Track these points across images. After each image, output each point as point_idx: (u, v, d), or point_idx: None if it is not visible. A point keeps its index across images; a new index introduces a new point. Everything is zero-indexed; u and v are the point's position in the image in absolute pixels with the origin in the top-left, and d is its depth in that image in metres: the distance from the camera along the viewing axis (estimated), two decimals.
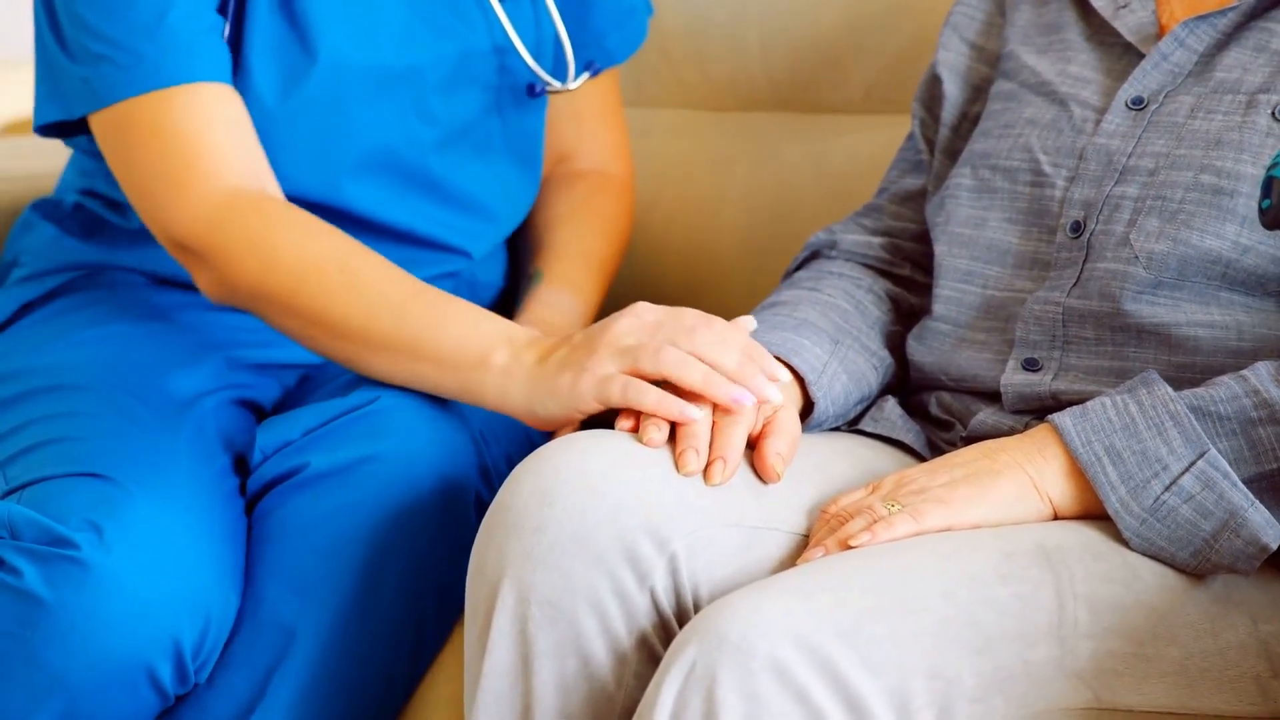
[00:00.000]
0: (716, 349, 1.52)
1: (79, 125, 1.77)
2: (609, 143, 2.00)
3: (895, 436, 1.63)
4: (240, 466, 1.72)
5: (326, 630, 1.63)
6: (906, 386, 1.70)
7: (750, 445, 1.52)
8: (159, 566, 1.58)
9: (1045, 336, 1.58)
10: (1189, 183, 1.53)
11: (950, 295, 1.64)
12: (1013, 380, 1.58)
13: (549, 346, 1.57)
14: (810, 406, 1.60)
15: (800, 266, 1.78)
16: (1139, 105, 1.59)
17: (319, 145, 1.78)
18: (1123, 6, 1.65)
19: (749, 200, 2.11)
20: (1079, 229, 1.58)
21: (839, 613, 1.33)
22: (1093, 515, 1.46)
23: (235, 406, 1.79)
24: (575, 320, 1.86)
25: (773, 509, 1.49)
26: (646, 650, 1.43)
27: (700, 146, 2.16)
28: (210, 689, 1.64)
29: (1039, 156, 1.62)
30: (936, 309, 1.65)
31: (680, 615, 1.44)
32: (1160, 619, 1.40)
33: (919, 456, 1.63)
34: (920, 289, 1.75)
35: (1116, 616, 1.39)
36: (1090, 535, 1.44)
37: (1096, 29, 1.67)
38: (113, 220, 1.86)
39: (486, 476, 1.67)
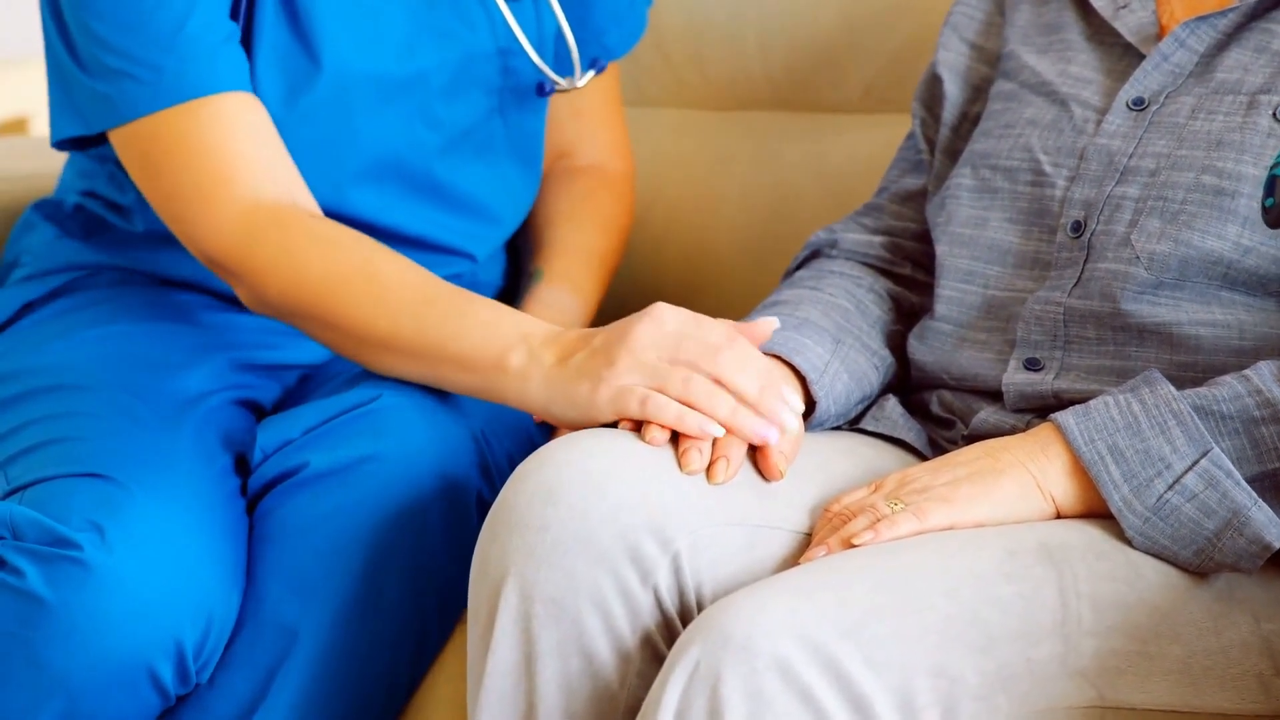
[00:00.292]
0: (740, 375, 1.50)
1: (98, 136, 1.76)
2: (609, 139, 2.00)
3: (897, 435, 1.63)
4: (241, 466, 1.72)
5: (328, 630, 1.62)
6: (907, 385, 1.70)
7: (752, 445, 1.52)
8: (161, 567, 1.58)
9: (1046, 336, 1.58)
10: (1190, 183, 1.53)
11: (951, 295, 1.65)
12: (1014, 380, 1.58)
13: (569, 345, 1.56)
14: (812, 406, 1.60)
15: (801, 265, 1.78)
16: (1140, 106, 1.59)
17: (324, 153, 1.77)
18: (1123, 7, 1.65)
19: (748, 200, 2.11)
20: (1079, 229, 1.58)
21: (843, 611, 1.34)
22: (1095, 514, 1.46)
23: (236, 407, 1.78)
24: (576, 319, 1.86)
25: (775, 508, 1.50)
26: (650, 649, 1.43)
27: (699, 146, 2.16)
28: (212, 689, 1.64)
29: (1039, 156, 1.63)
30: (938, 309, 1.65)
31: (683, 614, 1.44)
32: (1163, 617, 1.40)
33: (920, 455, 1.63)
34: (921, 288, 1.75)
35: (1120, 615, 1.39)
36: (1093, 534, 1.44)
37: (1097, 29, 1.67)
38: (115, 222, 1.86)
39: (488, 475, 1.67)
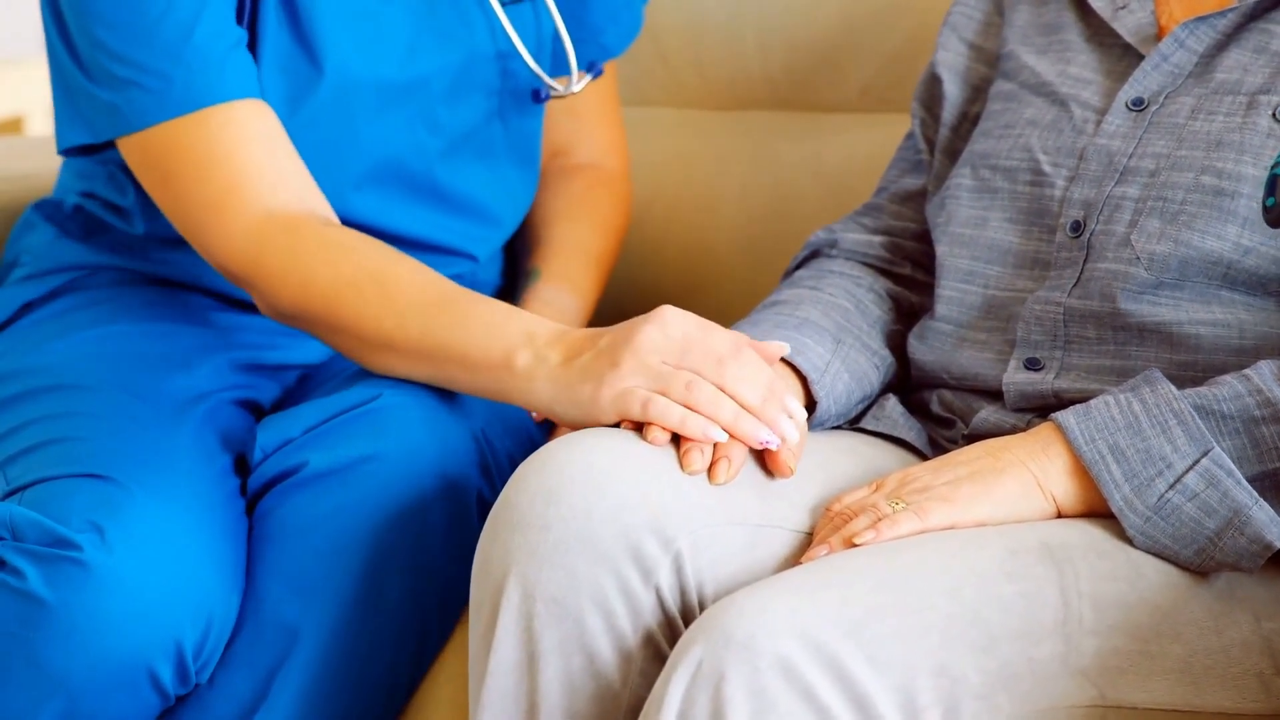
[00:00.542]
0: (743, 385, 1.50)
1: (104, 144, 1.76)
2: (606, 137, 2.00)
3: (897, 434, 1.63)
4: (241, 466, 1.72)
5: (329, 630, 1.62)
6: (907, 385, 1.71)
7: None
8: (161, 567, 1.58)
9: (1046, 336, 1.58)
10: (1190, 184, 1.54)
11: (952, 295, 1.65)
12: (1015, 379, 1.59)
13: (575, 345, 1.55)
14: (813, 405, 1.60)
15: (800, 265, 1.78)
16: (1139, 106, 1.59)
17: (326, 158, 1.77)
18: (1122, 7, 1.66)
19: (746, 199, 2.12)
20: (1079, 229, 1.58)
21: (845, 611, 1.34)
22: (1096, 513, 1.47)
23: (235, 407, 1.78)
24: (574, 317, 1.86)
25: (776, 507, 1.50)
26: (652, 648, 1.44)
27: (697, 146, 2.16)
28: (212, 689, 1.64)
29: (1039, 156, 1.63)
30: (938, 309, 1.65)
31: (685, 613, 1.44)
32: (1164, 616, 1.41)
33: (921, 454, 1.63)
34: (921, 288, 1.75)
35: (1121, 614, 1.39)
36: (1094, 533, 1.44)
37: (1096, 30, 1.68)
38: (115, 224, 1.86)
39: (488, 475, 1.67)
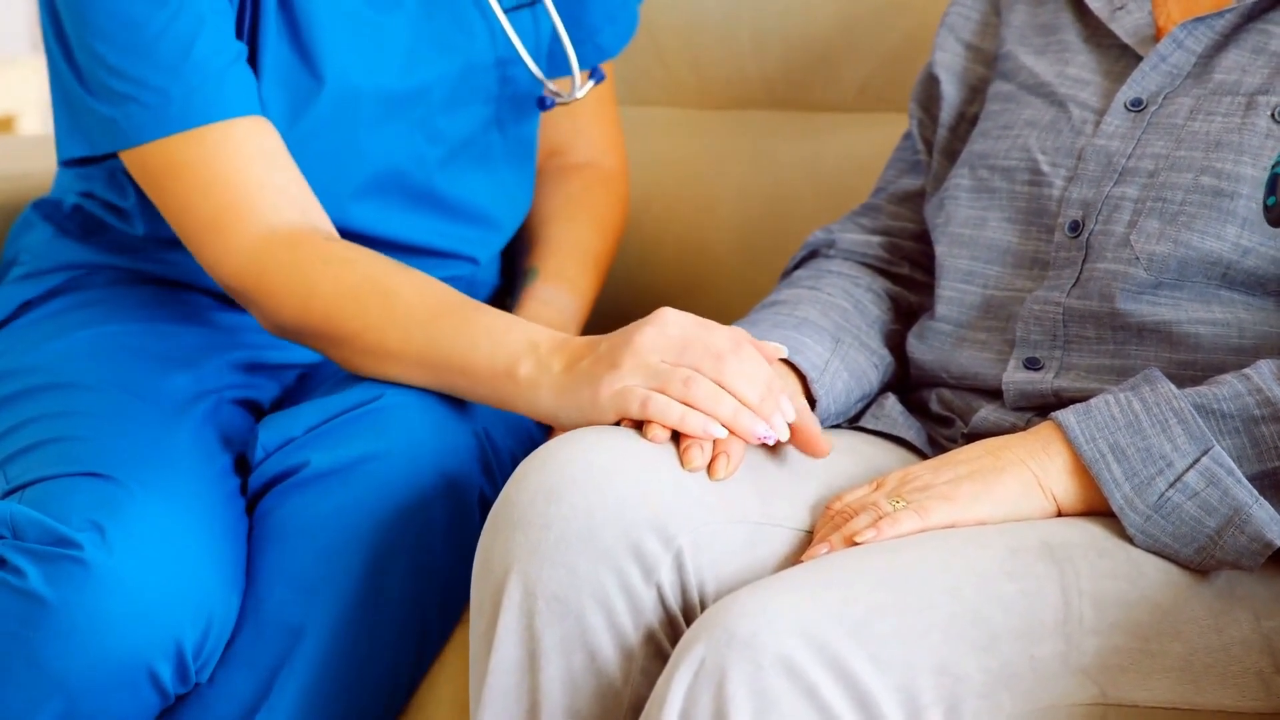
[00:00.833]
0: (742, 381, 1.50)
1: (105, 154, 1.75)
2: (603, 136, 2.00)
3: (896, 433, 1.64)
4: (240, 466, 1.72)
5: (331, 629, 1.63)
6: (906, 384, 1.71)
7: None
8: (162, 567, 1.58)
9: (1046, 336, 1.59)
10: (1189, 184, 1.54)
11: (951, 295, 1.65)
12: (1014, 379, 1.59)
13: (576, 352, 1.56)
14: (812, 404, 1.61)
15: (798, 266, 1.78)
16: (1138, 107, 1.60)
17: (326, 169, 1.77)
18: (1119, 8, 1.66)
19: (743, 198, 2.12)
20: (1077, 228, 1.59)
21: (847, 609, 1.34)
22: (1097, 512, 1.47)
23: (235, 406, 1.79)
24: (571, 317, 1.86)
25: (777, 505, 1.50)
26: (653, 646, 1.44)
27: (694, 145, 2.16)
28: (213, 688, 1.64)
29: (1037, 156, 1.63)
30: (938, 309, 1.66)
31: (686, 611, 1.44)
32: (1165, 615, 1.41)
33: (920, 453, 1.63)
34: (919, 287, 1.75)
35: (1121, 612, 1.40)
36: (1094, 532, 1.44)
37: (1093, 30, 1.68)
38: (114, 224, 1.86)
39: (490, 474, 1.67)
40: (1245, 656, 1.42)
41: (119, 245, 1.86)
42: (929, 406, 1.66)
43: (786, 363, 1.61)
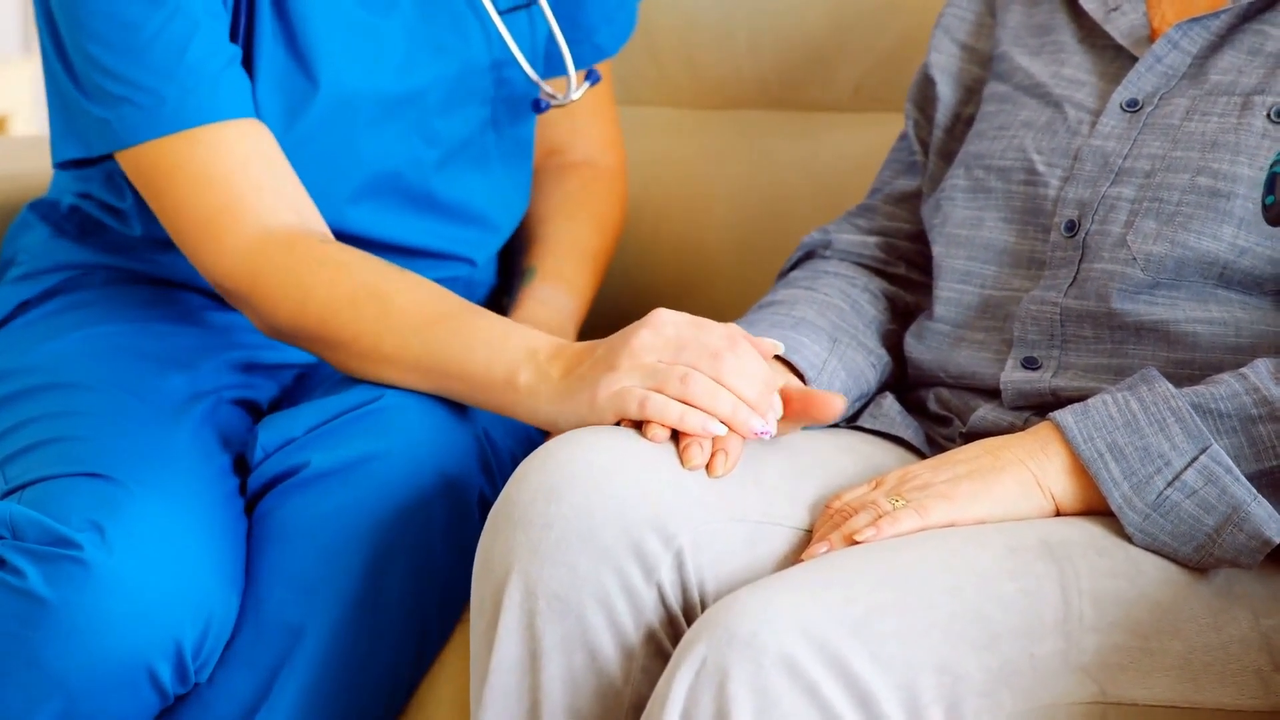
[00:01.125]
0: (739, 379, 1.50)
1: (100, 156, 1.75)
2: (601, 134, 2.00)
3: (894, 433, 1.64)
4: (239, 466, 1.72)
5: (331, 629, 1.63)
6: (904, 383, 1.71)
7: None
8: (161, 567, 1.58)
9: (1043, 336, 1.59)
10: (1185, 185, 1.54)
11: (949, 296, 1.65)
12: (1012, 378, 1.59)
13: (574, 357, 1.56)
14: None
15: (795, 266, 1.79)
16: (1134, 108, 1.60)
17: (323, 173, 1.77)
18: (1114, 9, 1.66)
19: (738, 198, 2.12)
20: (1073, 228, 1.59)
21: (848, 609, 1.34)
22: (1095, 511, 1.47)
23: (233, 406, 1.79)
24: (569, 316, 1.87)
25: (776, 504, 1.50)
26: (653, 645, 1.44)
27: (689, 145, 2.17)
28: (213, 688, 1.64)
29: (1033, 156, 1.63)
30: (936, 310, 1.66)
31: (686, 610, 1.45)
32: (1164, 613, 1.41)
33: (918, 452, 1.64)
34: (916, 287, 1.76)
35: (1120, 611, 1.40)
36: (1093, 530, 1.45)
37: (1088, 31, 1.68)
38: (112, 225, 1.86)
39: (490, 474, 1.67)
40: (1244, 655, 1.43)
41: (116, 246, 1.86)
42: (927, 406, 1.66)
43: (784, 362, 1.61)
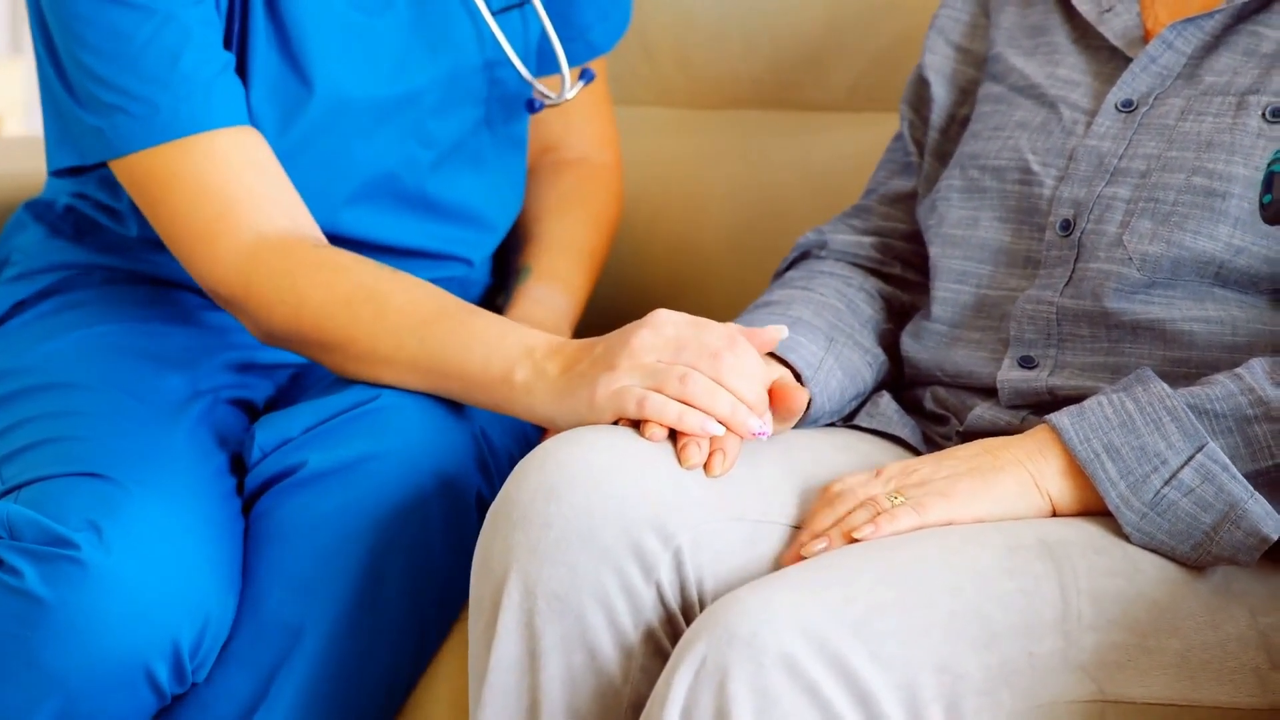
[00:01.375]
0: (738, 379, 1.50)
1: (95, 163, 1.75)
2: (596, 132, 2.00)
3: (891, 431, 1.64)
4: (236, 466, 1.72)
5: (329, 629, 1.63)
6: (901, 382, 1.72)
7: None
8: (159, 567, 1.58)
9: (1040, 335, 1.59)
10: (1181, 185, 1.54)
11: (946, 296, 1.66)
12: (1009, 377, 1.60)
13: (572, 355, 1.56)
14: (807, 403, 1.61)
15: (790, 267, 1.79)
16: (1129, 108, 1.60)
17: (318, 177, 1.77)
18: (1107, 10, 1.66)
19: (733, 198, 2.12)
20: (1069, 228, 1.59)
21: (848, 608, 1.35)
22: (1093, 512, 1.48)
23: (229, 406, 1.79)
24: (565, 315, 1.87)
25: (775, 503, 1.51)
26: (653, 644, 1.44)
27: (684, 145, 2.17)
28: (211, 688, 1.64)
29: (1028, 156, 1.64)
30: (933, 309, 1.66)
31: (685, 609, 1.45)
32: (1162, 611, 1.41)
33: (915, 451, 1.64)
34: (912, 287, 1.76)
35: (1119, 609, 1.40)
36: (1091, 530, 1.45)
37: (1082, 32, 1.68)
38: (108, 225, 1.86)
39: (488, 473, 1.68)
40: (1242, 653, 1.43)
41: (112, 246, 1.86)
42: (924, 405, 1.67)
43: (781, 361, 1.61)
